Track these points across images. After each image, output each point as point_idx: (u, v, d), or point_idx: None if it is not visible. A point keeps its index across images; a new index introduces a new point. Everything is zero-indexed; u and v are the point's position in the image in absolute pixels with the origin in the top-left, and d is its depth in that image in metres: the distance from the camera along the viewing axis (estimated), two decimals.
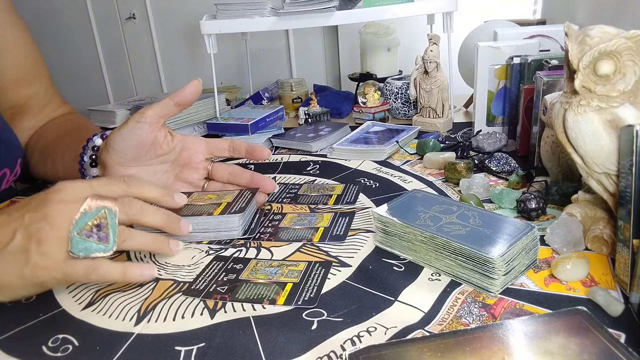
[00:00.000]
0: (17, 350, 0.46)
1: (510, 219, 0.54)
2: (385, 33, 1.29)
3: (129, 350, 0.45)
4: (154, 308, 0.51)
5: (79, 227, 0.48)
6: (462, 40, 1.16)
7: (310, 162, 0.93)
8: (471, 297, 0.49)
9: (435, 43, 1.00)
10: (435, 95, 1.02)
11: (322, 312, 0.48)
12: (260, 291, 0.52)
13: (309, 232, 0.64)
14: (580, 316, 0.40)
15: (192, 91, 0.66)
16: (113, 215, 0.50)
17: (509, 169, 0.78)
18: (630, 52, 0.49)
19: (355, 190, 0.77)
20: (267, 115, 1.09)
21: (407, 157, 0.91)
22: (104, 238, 0.49)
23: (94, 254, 0.49)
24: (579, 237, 0.55)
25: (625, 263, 0.47)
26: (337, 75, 1.79)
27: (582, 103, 0.52)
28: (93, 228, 0.49)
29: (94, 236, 0.49)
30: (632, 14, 0.87)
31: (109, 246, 0.49)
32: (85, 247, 0.48)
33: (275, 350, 0.44)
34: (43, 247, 0.47)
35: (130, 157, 0.67)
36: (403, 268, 0.55)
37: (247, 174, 0.73)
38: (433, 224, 0.54)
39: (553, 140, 0.68)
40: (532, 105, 0.79)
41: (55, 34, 2.00)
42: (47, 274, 0.48)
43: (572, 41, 0.52)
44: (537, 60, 0.83)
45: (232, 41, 1.71)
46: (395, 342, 0.42)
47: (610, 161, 0.51)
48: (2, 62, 0.80)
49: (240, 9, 1.11)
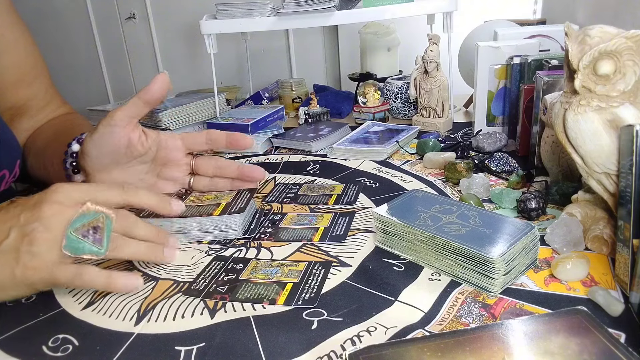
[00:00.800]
0: (17, 350, 0.46)
1: (510, 219, 0.54)
2: (385, 33, 1.29)
3: (129, 350, 0.45)
4: (153, 308, 0.51)
5: (76, 226, 0.48)
6: (462, 40, 1.16)
7: (310, 162, 0.93)
8: (471, 297, 0.49)
9: (435, 43, 1.00)
10: (435, 95, 1.02)
11: (322, 312, 0.48)
12: (260, 291, 0.52)
13: (309, 232, 0.64)
14: (580, 316, 0.40)
15: (160, 87, 0.62)
16: (110, 221, 0.50)
17: (509, 168, 0.78)
18: (630, 52, 0.49)
19: (355, 190, 0.77)
20: (267, 115, 1.09)
21: (407, 157, 0.91)
22: (98, 241, 0.49)
23: (85, 254, 0.49)
24: (579, 237, 0.55)
25: (625, 263, 0.47)
26: (337, 75, 1.79)
27: (582, 103, 0.52)
28: (89, 229, 0.49)
29: (90, 237, 0.49)
30: (632, 14, 0.87)
31: (101, 250, 0.49)
32: (78, 246, 0.48)
33: (275, 350, 0.44)
34: (34, 248, 0.47)
35: (107, 162, 0.65)
36: (403, 268, 0.55)
37: (233, 166, 0.70)
38: (433, 224, 0.54)
39: (553, 140, 0.68)
40: (532, 105, 0.79)
41: (55, 34, 2.00)
42: (36, 274, 0.48)
43: (572, 41, 0.52)
44: (537, 60, 0.83)
45: (232, 41, 1.71)
46: (395, 342, 0.42)
47: (610, 161, 0.51)
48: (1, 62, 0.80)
49: (240, 8, 1.11)
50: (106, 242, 0.50)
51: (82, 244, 0.49)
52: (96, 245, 0.49)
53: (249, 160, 0.96)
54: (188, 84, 1.60)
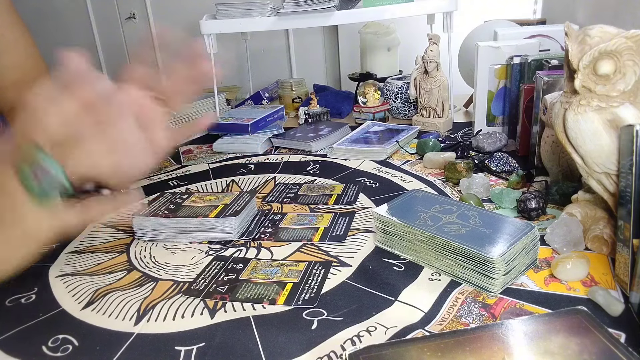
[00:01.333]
0: (17, 350, 0.46)
1: (510, 219, 0.54)
2: (385, 33, 1.29)
3: (128, 350, 0.45)
4: (153, 308, 0.51)
5: (27, 178, 0.41)
6: (462, 40, 1.16)
7: (310, 162, 0.93)
8: (471, 297, 0.49)
9: (435, 43, 1.00)
10: (435, 95, 1.02)
11: (322, 312, 0.48)
12: (260, 291, 0.52)
13: (309, 232, 0.64)
14: (580, 316, 0.40)
15: None
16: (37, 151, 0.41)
17: (509, 168, 0.78)
18: (631, 52, 0.49)
19: (355, 190, 0.77)
20: (267, 115, 1.09)
21: (407, 157, 0.91)
22: (45, 172, 0.41)
23: (56, 188, 0.41)
24: (579, 236, 0.55)
25: (625, 263, 0.47)
26: (337, 75, 1.79)
27: (582, 103, 0.52)
28: (34, 172, 0.41)
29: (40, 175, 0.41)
30: (632, 14, 0.87)
31: (59, 173, 0.41)
32: (45, 186, 0.41)
33: (275, 350, 0.44)
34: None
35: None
36: (403, 268, 0.55)
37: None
38: (433, 224, 0.54)
39: (553, 140, 0.68)
40: (532, 105, 0.79)
41: (55, 34, 2.00)
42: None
43: (572, 41, 0.52)
44: (537, 60, 0.83)
45: (232, 41, 1.71)
46: (395, 341, 0.42)
47: (610, 161, 0.51)
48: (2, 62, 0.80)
49: (240, 8, 1.11)
50: (52, 163, 0.41)
51: (45, 186, 0.41)
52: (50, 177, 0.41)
53: (249, 160, 0.96)
54: None
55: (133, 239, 0.67)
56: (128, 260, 0.62)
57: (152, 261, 0.61)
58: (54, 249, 0.65)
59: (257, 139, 1.02)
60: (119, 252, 0.64)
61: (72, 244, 0.67)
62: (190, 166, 0.95)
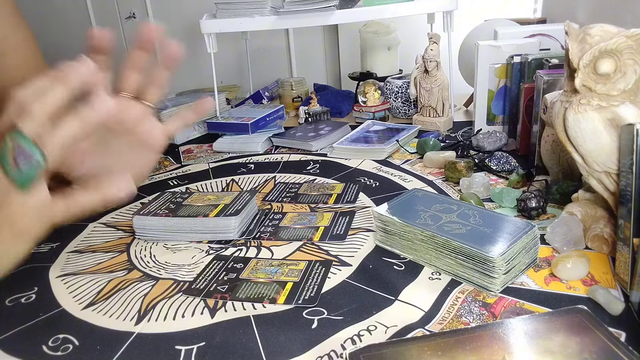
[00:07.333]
0: (17, 350, 0.46)
1: (510, 218, 0.54)
2: (385, 32, 1.28)
3: (129, 350, 0.45)
4: (154, 307, 0.51)
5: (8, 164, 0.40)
6: (462, 39, 1.16)
7: (310, 161, 0.93)
8: (471, 296, 0.49)
9: (436, 42, 1.00)
10: (435, 94, 1.02)
11: (323, 311, 0.48)
12: (261, 290, 0.52)
13: (309, 232, 0.64)
14: (580, 315, 0.40)
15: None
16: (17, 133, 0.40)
17: (509, 167, 0.78)
18: (631, 51, 0.49)
19: (356, 189, 0.77)
20: (267, 115, 1.09)
21: (407, 156, 0.91)
22: (26, 154, 0.40)
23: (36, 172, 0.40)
24: (579, 236, 0.55)
25: (625, 262, 0.47)
26: (337, 74, 1.79)
27: (582, 102, 0.52)
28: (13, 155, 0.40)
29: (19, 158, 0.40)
30: (632, 13, 0.87)
31: (37, 156, 0.40)
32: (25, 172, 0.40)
33: (275, 349, 0.44)
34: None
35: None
36: (403, 267, 0.55)
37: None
38: (433, 223, 0.54)
39: (553, 139, 0.68)
40: (532, 104, 0.79)
41: (55, 34, 1.99)
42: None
43: (573, 40, 0.52)
44: (538, 59, 0.83)
45: (232, 40, 1.71)
46: (396, 340, 0.42)
47: (610, 160, 0.51)
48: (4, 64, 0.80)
49: (240, 8, 1.11)
50: (32, 147, 0.40)
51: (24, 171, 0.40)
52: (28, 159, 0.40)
53: (249, 160, 0.96)
54: (188, 83, 1.60)
55: (133, 238, 0.67)
56: (128, 259, 0.62)
57: (152, 260, 0.61)
58: (54, 249, 0.65)
59: (257, 139, 1.02)
60: (119, 251, 0.64)
61: (72, 244, 0.67)
62: (190, 165, 0.95)
